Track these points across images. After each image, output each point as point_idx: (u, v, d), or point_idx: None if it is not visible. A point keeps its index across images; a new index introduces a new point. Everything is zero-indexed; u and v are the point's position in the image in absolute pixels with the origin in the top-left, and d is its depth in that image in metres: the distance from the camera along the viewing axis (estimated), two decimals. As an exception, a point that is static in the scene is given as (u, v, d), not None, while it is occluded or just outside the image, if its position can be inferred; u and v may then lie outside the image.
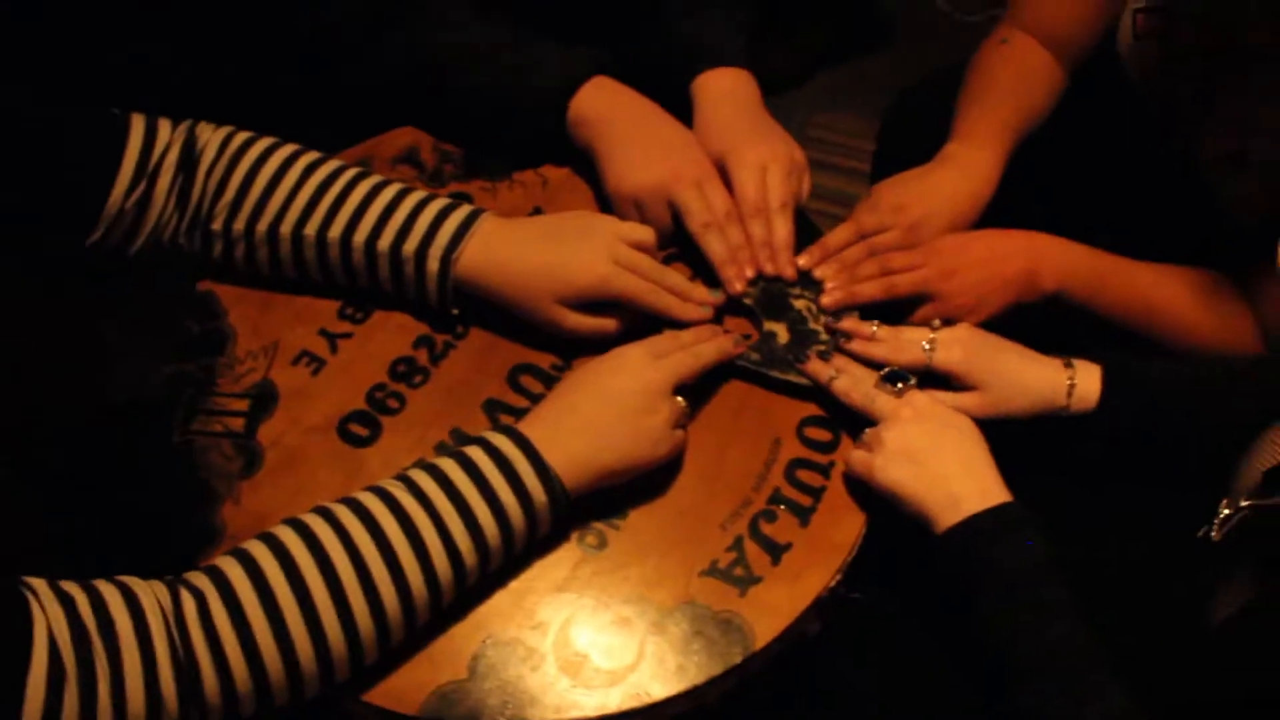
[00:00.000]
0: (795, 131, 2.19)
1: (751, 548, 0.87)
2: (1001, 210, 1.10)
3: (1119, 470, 0.93)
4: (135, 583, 0.71)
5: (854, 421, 0.93)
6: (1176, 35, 1.07)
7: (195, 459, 0.90)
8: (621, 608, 0.84)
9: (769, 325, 0.98)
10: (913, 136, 1.40)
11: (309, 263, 0.94)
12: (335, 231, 0.92)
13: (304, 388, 0.94)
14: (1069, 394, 0.91)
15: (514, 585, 0.84)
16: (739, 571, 0.86)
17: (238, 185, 0.92)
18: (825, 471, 0.92)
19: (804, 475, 0.91)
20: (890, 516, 0.89)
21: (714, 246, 1.00)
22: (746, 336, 0.99)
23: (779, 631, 0.83)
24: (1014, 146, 1.12)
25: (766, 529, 0.88)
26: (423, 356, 0.96)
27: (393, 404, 0.93)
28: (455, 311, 0.95)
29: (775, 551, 0.87)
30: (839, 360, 0.95)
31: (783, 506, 0.89)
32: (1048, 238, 1.05)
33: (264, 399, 0.93)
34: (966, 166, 1.09)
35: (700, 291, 0.97)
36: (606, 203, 1.04)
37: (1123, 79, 1.14)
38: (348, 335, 0.97)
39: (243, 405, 0.93)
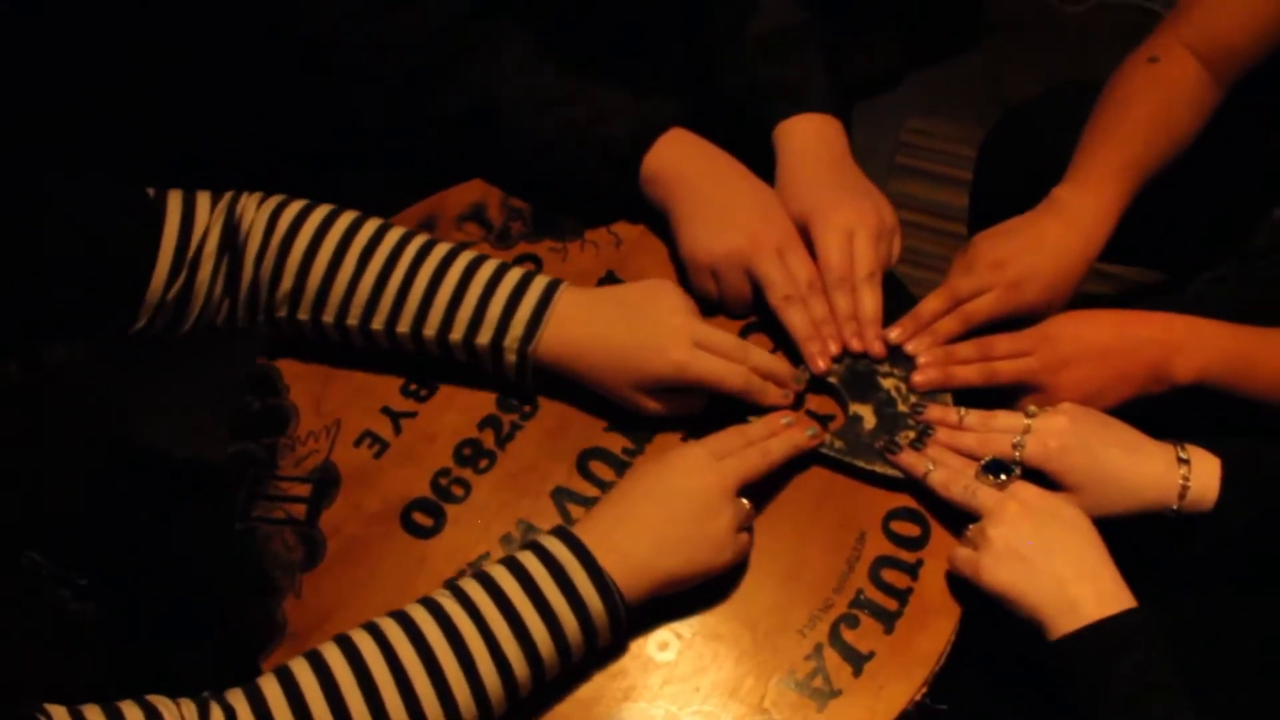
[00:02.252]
0: (889, 137, 2.13)
1: (832, 656, 0.82)
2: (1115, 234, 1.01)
3: (1241, 571, 0.86)
4: (162, 702, 0.69)
5: (947, 513, 0.87)
6: None
7: (257, 547, 0.88)
8: (692, 720, 0.80)
9: (855, 408, 0.92)
10: (1016, 163, 1.32)
11: (381, 346, 0.91)
12: (404, 327, 0.89)
13: (366, 471, 0.91)
14: (1181, 494, 0.83)
15: (581, 693, 0.81)
16: (818, 683, 0.81)
17: (294, 276, 0.88)
18: (913, 571, 0.86)
19: (889, 575, 0.86)
20: (982, 621, 0.83)
21: (796, 321, 0.94)
22: (830, 417, 0.93)
23: (860, 751, 0.78)
24: (1139, 188, 1.02)
25: (848, 635, 0.83)
26: (489, 439, 0.92)
27: (457, 491, 0.90)
28: (527, 407, 0.93)
29: (857, 661, 0.82)
30: (933, 450, 0.89)
31: (866, 611, 0.84)
32: (1186, 322, 0.94)
33: (326, 483, 0.90)
34: (1076, 216, 0.99)
35: (785, 369, 0.92)
36: (682, 264, 0.99)
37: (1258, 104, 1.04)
38: (411, 415, 0.94)
39: (305, 490, 0.90)
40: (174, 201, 0.87)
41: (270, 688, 0.70)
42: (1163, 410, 0.94)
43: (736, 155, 1.01)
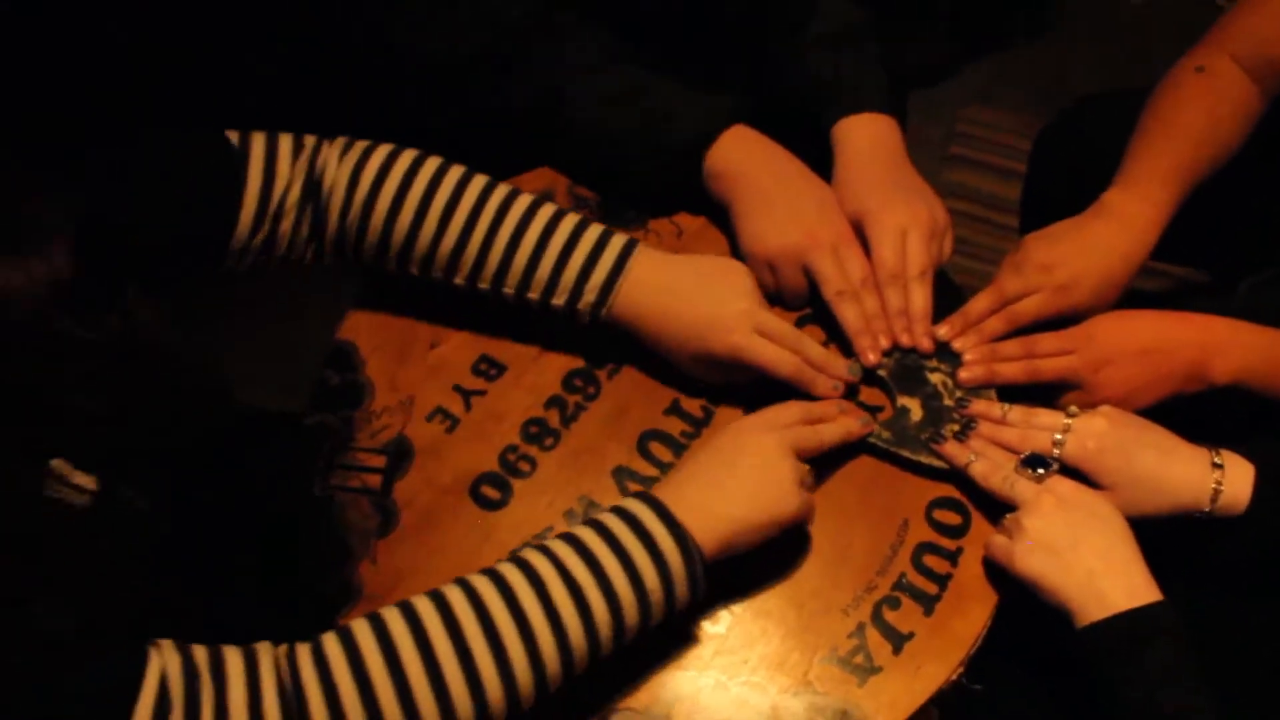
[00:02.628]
0: (944, 125, 2.15)
1: (873, 635, 0.87)
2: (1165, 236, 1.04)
3: (1271, 575, 0.89)
4: (264, 648, 0.74)
5: (987, 503, 0.92)
6: None
7: (335, 515, 0.93)
8: (740, 690, 0.85)
9: (902, 400, 0.97)
10: (1069, 163, 1.35)
11: (464, 294, 0.96)
12: (485, 284, 0.94)
13: (438, 445, 0.96)
14: (1214, 498, 0.87)
15: (637, 660, 0.86)
16: (859, 660, 0.86)
17: (378, 233, 0.93)
18: (953, 558, 0.90)
19: (931, 561, 0.90)
20: (1018, 606, 0.87)
21: (848, 315, 0.98)
22: (879, 408, 0.97)
23: (897, 725, 0.83)
24: (1187, 194, 1.05)
25: (890, 616, 0.88)
26: (554, 418, 0.98)
27: (524, 467, 0.95)
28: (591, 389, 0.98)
29: (897, 640, 0.87)
30: (976, 443, 0.93)
31: (907, 593, 0.89)
32: (1224, 324, 0.97)
33: (400, 456, 0.96)
34: (1125, 221, 1.03)
35: (838, 365, 0.96)
36: (740, 257, 1.03)
37: None
38: (481, 393, 0.99)
39: (380, 462, 0.96)
40: (257, 150, 0.91)
41: (358, 625, 0.74)
42: (1202, 410, 0.97)
43: (794, 151, 1.05)
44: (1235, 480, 0.87)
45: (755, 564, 0.87)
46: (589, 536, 0.79)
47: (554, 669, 0.76)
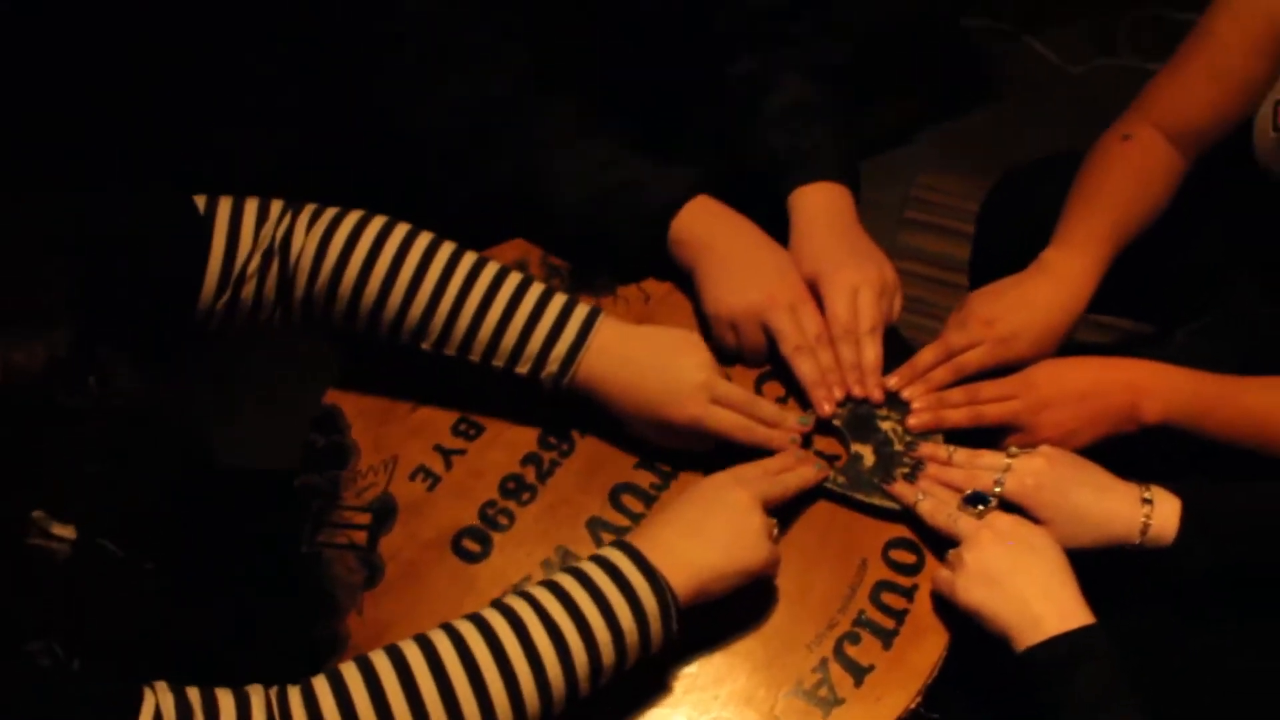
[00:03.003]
0: (899, 191, 2.24)
1: (835, 669, 0.92)
2: (1104, 291, 1.11)
3: (1208, 601, 0.95)
4: (255, 690, 0.77)
5: (939, 543, 0.97)
6: None
7: (322, 570, 0.98)
8: (712, 725, 0.90)
9: (856, 447, 1.03)
10: (1012, 223, 1.42)
11: (431, 358, 1.00)
12: (451, 350, 0.99)
13: (421, 502, 1.02)
14: (1143, 531, 0.93)
15: (611, 699, 0.90)
16: (823, 693, 0.91)
17: (346, 301, 0.96)
18: (909, 594, 0.96)
19: (888, 598, 0.96)
20: (971, 638, 0.93)
21: (805, 369, 1.04)
22: (835, 458, 1.03)
23: (860, 754, 0.88)
24: (1118, 252, 1.13)
25: (851, 651, 0.93)
26: (530, 474, 1.03)
27: (503, 520, 1.00)
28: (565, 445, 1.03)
29: (858, 673, 0.92)
30: (924, 483, 1.00)
31: (867, 629, 0.94)
32: (1152, 368, 1.05)
33: (384, 512, 1.01)
34: (1062, 277, 1.10)
35: (790, 419, 1.02)
36: (705, 318, 1.10)
37: (1255, 173, 1.14)
38: (461, 452, 1.04)
39: (365, 519, 1.01)
40: (222, 215, 0.93)
41: (347, 669, 0.78)
42: (1137, 449, 1.04)
43: (752, 217, 1.12)
44: (1163, 515, 0.93)
45: (724, 605, 0.92)
46: (569, 583, 0.83)
47: (534, 708, 0.79)
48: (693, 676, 0.92)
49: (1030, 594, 0.89)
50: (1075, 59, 2.41)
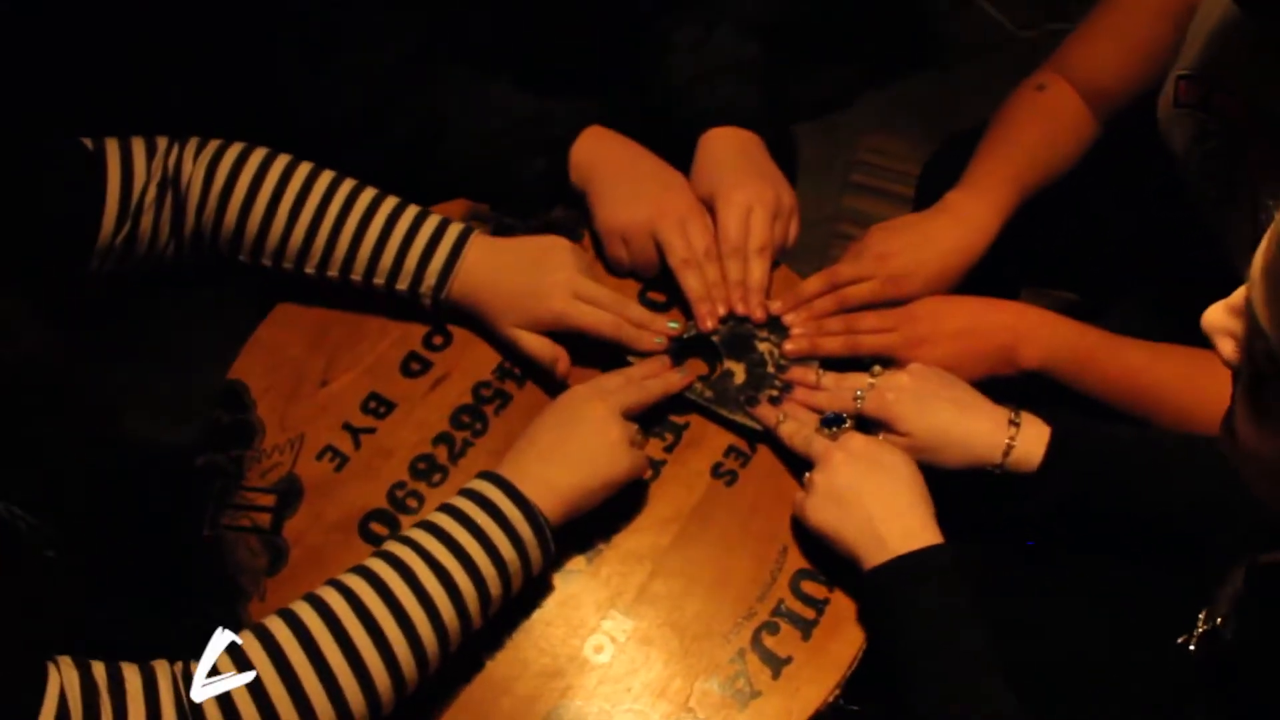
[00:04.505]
0: (844, 156, 2.20)
1: (753, 660, 0.90)
2: (999, 255, 1.10)
3: (1071, 537, 0.95)
4: (160, 665, 0.77)
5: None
6: (1216, 105, 1.06)
7: (224, 554, 0.94)
8: (623, 718, 0.87)
9: (729, 364, 1.03)
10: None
11: (314, 282, 1.03)
12: (333, 271, 1.01)
13: (327, 483, 0.98)
14: (1005, 454, 0.91)
15: (522, 691, 0.88)
16: (740, 685, 0.88)
17: (233, 226, 0.99)
18: (829, 583, 0.93)
19: (808, 587, 0.93)
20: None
21: (690, 283, 1.04)
22: (705, 377, 1.03)
23: (776, 748, 0.86)
24: (1022, 199, 1.12)
25: (769, 641, 0.90)
26: (442, 454, 0.99)
27: (412, 503, 0.97)
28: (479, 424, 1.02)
29: (776, 665, 0.89)
30: (788, 405, 0.99)
31: (786, 619, 0.91)
32: (1037, 313, 1.04)
33: (289, 494, 0.97)
34: (964, 217, 1.10)
35: (660, 321, 1.03)
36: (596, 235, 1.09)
37: (1157, 143, 1.12)
38: (370, 430, 1.00)
39: (269, 500, 0.97)
40: (112, 152, 0.95)
41: (244, 637, 0.78)
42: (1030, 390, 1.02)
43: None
44: (1029, 440, 0.91)
45: (639, 588, 0.91)
46: (447, 523, 0.84)
47: (433, 650, 0.80)
48: (605, 667, 0.89)
49: (877, 514, 0.88)
50: (1025, 23, 2.38)
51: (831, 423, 0.97)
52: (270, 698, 0.75)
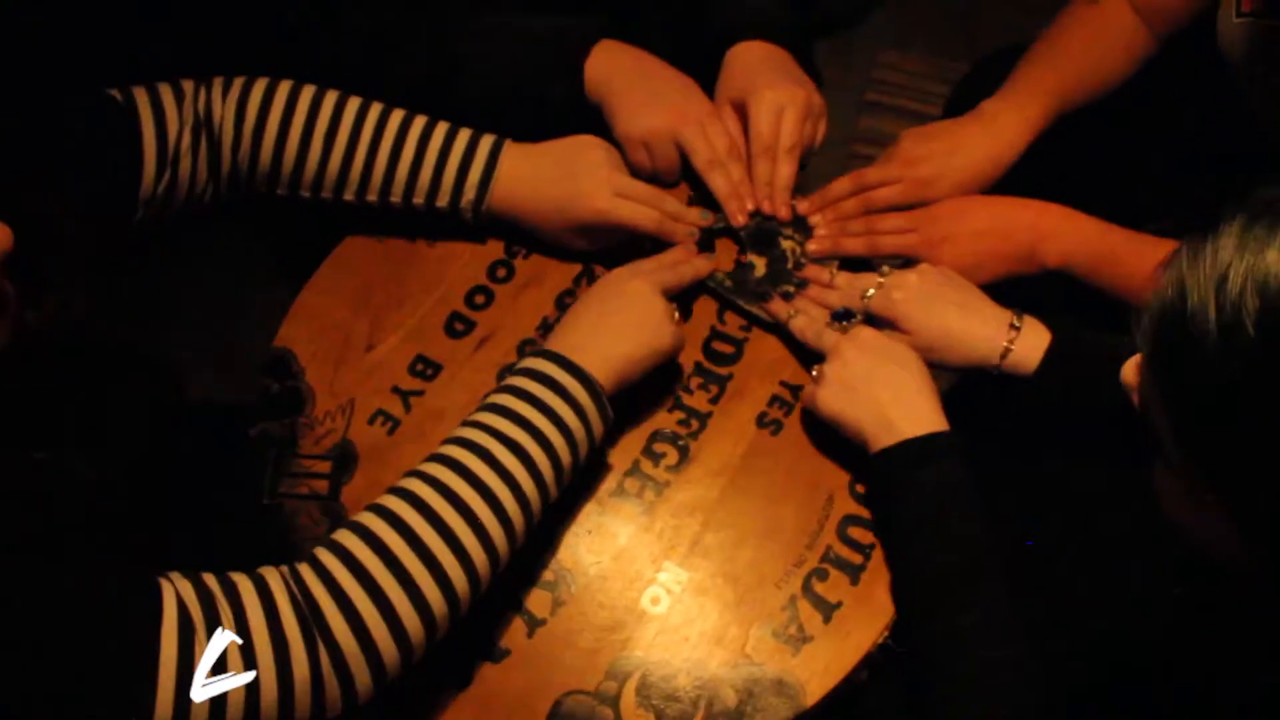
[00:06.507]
0: (858, 72, 2.18)
1: (804, 606, 0.92)
2: (1036, 173, 1.10)
3: (1067, 443, 0.98)
4: (269, 572, 0.79)
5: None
6: None
7: (284, 522, 0.97)
8: (682, 666, 0.90)
9: (751, 257, 1.07)
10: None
11: (356, 209, 1.05)
12: (373, 196, 1.03)
13: (381, 448, 1.00)
14: (1003, 356, 0.94)
15: (585, 644, 0.91)
16: (793, 630, 0.91)
17: (268, 160, 1.01)
18: (875, 529, 0.96)
19: (855, 532, 0.96)
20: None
21: (718, 182, 1.07)
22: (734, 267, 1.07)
23: (828, 689, 0.89)
24: (1061, 111, 1.11)
25: (819, 587, 0.93)
26: (491, 414, 1.01)
27: (464, 464, 0.99)
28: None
29: (827, 610, 0.92)
30: (800, 302, 1.03)
31: (834, 565, 0.94)
32: (1060, 211, 1.04)
33: (345, 460, 0.99)
34: (997, 126, 1.10)
35: (693, 213, 1.07)
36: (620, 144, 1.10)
37: (1216, 57, 1.10)
38: (419, 393, 1.02)
39: (325, 467, 0.99)
40: (142, 101, 0.96)
41: (341, 535, 0.80)
42: (1045, 293, 1.04)
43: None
44: (1028, 343, 0.94)
45: (693, 542, 0.93)
46: (511, 401, 0.87)
47: (519, 524, 0.84)
48: (663, 618, 0.92)
49: (886, 400, 0.91)
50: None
51: (842, 317, 1.01)
52: (379, 583, 0.77)
